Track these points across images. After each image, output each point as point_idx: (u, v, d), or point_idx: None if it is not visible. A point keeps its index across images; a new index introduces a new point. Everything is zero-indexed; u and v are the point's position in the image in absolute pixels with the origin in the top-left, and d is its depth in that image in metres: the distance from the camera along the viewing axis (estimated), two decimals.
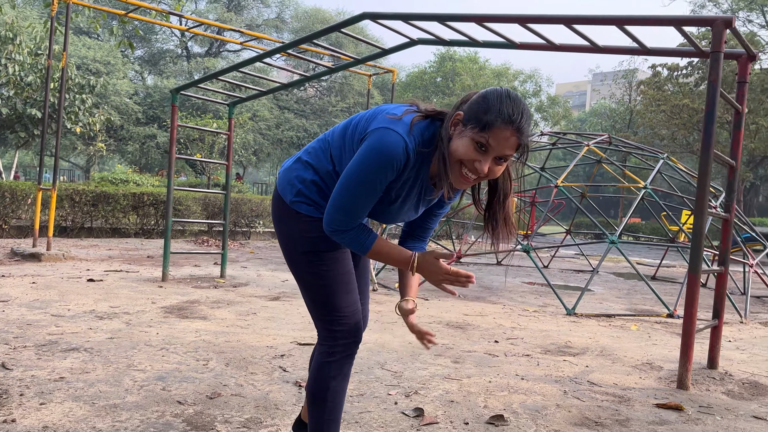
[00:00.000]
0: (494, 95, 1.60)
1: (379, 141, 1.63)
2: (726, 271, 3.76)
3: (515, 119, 1.56)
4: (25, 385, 2.74)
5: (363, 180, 1.65)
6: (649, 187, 6.61)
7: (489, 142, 1.57)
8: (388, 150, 1.62)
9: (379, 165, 1.63)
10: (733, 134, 3.80)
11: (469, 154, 1.59)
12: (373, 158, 1.63)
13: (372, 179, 1.65)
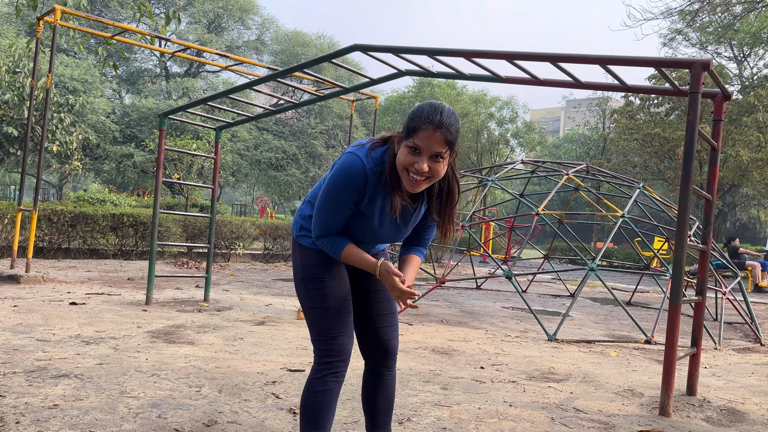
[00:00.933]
0: (418, 106, 1.89)
1: (343, 162, 1.95)
2: (703, 300, 3.91)
3: (434, 119, 1.83)
4: (20, 413, 2.74)
5: (331, 195, 1.97)
6: (627, 216, 6.80)
7: (417, 143, 1.85)
8: (349, 169, 1.93)
9: (343, 182, 1.94)
10: (709, 170, 3.97)
11: (407, 158, 1.87)
12: (338, 177, 1.95)
13: (337, 195, 1.95)
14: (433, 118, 1.83)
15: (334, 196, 1.96)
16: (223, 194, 45.43)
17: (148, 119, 27.96)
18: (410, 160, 1.86)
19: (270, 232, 14.92)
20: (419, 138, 1.84)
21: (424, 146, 1.84)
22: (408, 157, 1.87)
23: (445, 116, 1.85)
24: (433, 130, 1.83)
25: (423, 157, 1.85)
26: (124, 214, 11.49)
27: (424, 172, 1.86)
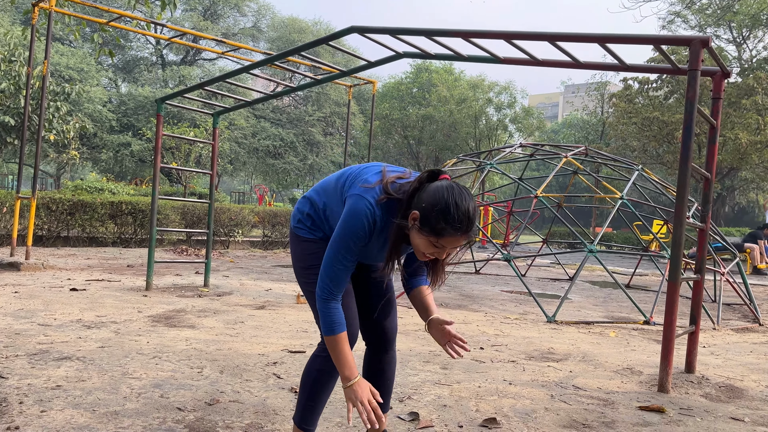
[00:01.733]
0: (444, 206, 1.80)
1: (353, 208, 1.92)
2: (702, 279, 3.93)
3: (463, 228, 1.82)
4: (23, 393, 2.75)
5: (343, 243, 1.93)
6: (626, 198, 6.81)
7: (442, 243, 1.85)
8: (359, 215, 1.91)
9: (353, 229, 1.91)
10: (708, 148, 3.97)
11: (428, 249, 1.88)
12: (349, 223, 1.92)
13: (347, 243, 1.93)
14: (463, 228, 1.82)
15: (344, 246, 1.93)
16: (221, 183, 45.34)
17: (144, 108, 27.85)
18: (431, 252, 1.89)
19: (269, 219, 14.92)
20: (446, 241, 1.84)
21: (448, 246, 1.87)
22: (430, 248, 1.88)
23: (474, 221, 1.84)
24: (460, 236, 1.83)
25: (443, 252, 1.90)
26: (122, 202, 11.48)
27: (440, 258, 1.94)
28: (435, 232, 1.82)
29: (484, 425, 2.74)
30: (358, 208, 1.91)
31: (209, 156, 20.52)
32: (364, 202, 1.91)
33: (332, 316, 1.95)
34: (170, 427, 2.46)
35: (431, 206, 1.81)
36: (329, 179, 2.18)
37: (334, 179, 2.14)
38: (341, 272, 1.95)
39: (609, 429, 2.80)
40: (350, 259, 1.95)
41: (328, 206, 2.12)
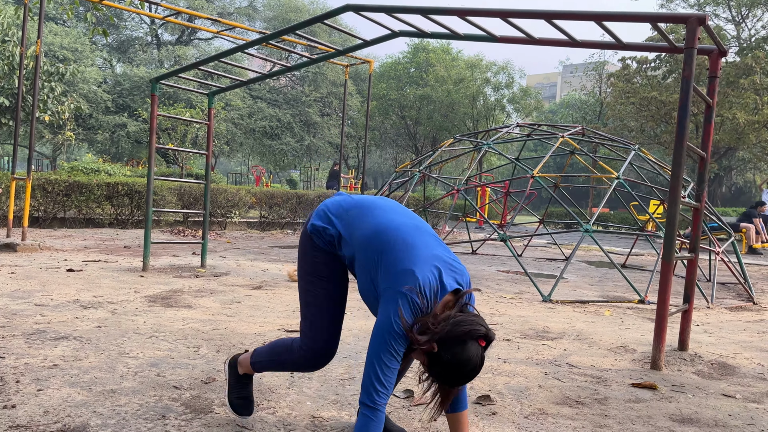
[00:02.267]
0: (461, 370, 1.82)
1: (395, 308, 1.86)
2: (696, 257, 3.94)
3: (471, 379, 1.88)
4: (20, 372, 2.77)
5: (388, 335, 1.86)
6: (622, 178, 6.81)
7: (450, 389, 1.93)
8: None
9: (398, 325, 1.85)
10: (704, 127, 3.97)
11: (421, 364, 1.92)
12: (392, 319, 1.85)
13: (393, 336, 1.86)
14: (471, 379, 1.88)
15: (397, 341, 1.85)
16: (218, 164, 45.17)
17: (140, 88, 27.63)
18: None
19: (266, 200, 14.90)
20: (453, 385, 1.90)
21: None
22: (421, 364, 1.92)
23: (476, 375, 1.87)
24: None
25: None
26: (119, 182, 11.44)
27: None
28: (446, 381, 1.87)
29: (478, 402, 2.77)
30: (405, 303, 1.84)
31: (206, 137, 20.43)
32: (408, 302, 1.85)
33: (373, 428, 1.83)
34: (166, 405, 2.48)
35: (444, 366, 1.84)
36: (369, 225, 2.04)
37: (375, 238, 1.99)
38: (390, 372, 1.84)
39: (602, 405, 2.83)
40: (399, 352, 1.86)
41: (351, 248, 2.06)
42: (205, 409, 2.47)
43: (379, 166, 51.92)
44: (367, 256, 1.98)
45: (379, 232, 1.98)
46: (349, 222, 2.08)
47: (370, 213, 2.07)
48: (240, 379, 2.40)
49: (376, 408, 1.82)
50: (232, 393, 2.40)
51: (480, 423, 2.52)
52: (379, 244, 1.96)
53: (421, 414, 2.58)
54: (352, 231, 2.06)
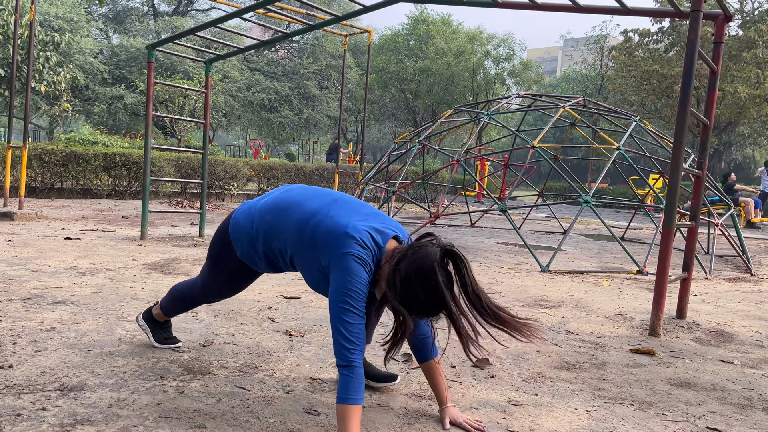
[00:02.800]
0: (413, 295, 1.86)
1: (350, 263, 1.93)
2: (696, 226, 3.92)
3: (429, 316, 1.93)
4: (17, 335, 2.76)
5: (347, 289, 1.91)
6: (623, 149, 6.76)
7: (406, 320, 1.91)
8: (359, 266, 1.92)
9: (357, 276, 1.91)
10: (708, 95, 3.91)
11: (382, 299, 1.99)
12: (348, 274, 1.92)
13: (354, 286, 1.91)
14: (429, 316, 1.93)
15: (351, 292, 1.88)
16: (216, 137, 44.83)
17: (137, 60, 27.32)
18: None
19: (264, 172, 14.85)
20: (410, 319, 1.91)
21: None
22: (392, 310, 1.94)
23: (441, 306, 1.89)
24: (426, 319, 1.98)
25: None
26: (116, 153, 11.37)
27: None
28: (401, 307, 1.88)
29: (477, 366, 2.77)
30: (352, 265, 1.89)
31: (203, 108, 20.27)
32: (356, 261, 1.89)
33: (353, 386, 1.84)
34: (165, 367, 2.48)
35: (404, 292, 1.86)
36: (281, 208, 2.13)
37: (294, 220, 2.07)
38: (354, 327, 1.86)
39: (600, 370, 2.83)
40: (360, 308, 1.89)
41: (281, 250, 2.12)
42: (203, 370, 2.47)
43: (378, 141, 51.66)
44: (304, 250, 2.02)
45: (302, 226, 2.03)
46: (268, 232, 2.13)
47: (285, 213, 2.10)
48: (160, 325, 2.73)
49: (351, 365, 1.84)
50: (157, 336, 2.71)
51: (478, 386, 2.52)
52: (308, 235, 2.00)
53: (420, 376, 2.58)
54: (276, 238, 2.11)
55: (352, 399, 1.82)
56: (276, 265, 2.20)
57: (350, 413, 1.81)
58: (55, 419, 1.91)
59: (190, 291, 2.53)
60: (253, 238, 2.16)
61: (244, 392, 2.25)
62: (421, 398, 2.33)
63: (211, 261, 2.37)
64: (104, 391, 2.17)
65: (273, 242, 2.12)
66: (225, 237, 2.27)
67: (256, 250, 2.17)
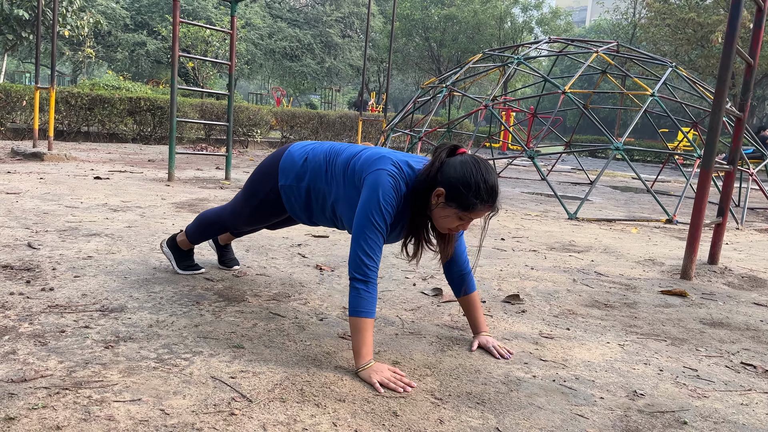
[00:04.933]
0: (474, 182, 1.81)
1: (377, 178, 1.92)
2: (734, 170, 3.83)
3: (491, 201, 1.86)
4: (56, 261, 2.82)
5: (372, 204, 1.89)
6: (657, 95, 6.57)
7: (470, 216, 1.87)
8: (388, 185, 1.90)
9: (384, 190, 1.90)
10: (754, 33, 3.75)
11: (453, 224, 1.89)
12: (376, 188, 1.91)
13: (379, 203, 1.88)
14: (491, 202, 1.85)
15: (376, 209, 1.86)
16: (238, 87, 44.57)
17: (158, 5, 27.03)
18: (455, 224, 1.89)
19: (287, 120, 14.78)
20: (475, 214, 1.86)
21: (475, 218, 1.88)
22: (455, 222, 1.88)
23: (497, 195, 1.86)
24: (488, 208, 1.87)
25: (468, 223, 1.91)
26: (141, 98, 11.38)
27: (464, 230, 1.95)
28: (464, 207, 1.83)
29: (507, 301, 2.78)
30: (383, 178, 1.89)
31: (225, 55, 20.09)
32: (388, 175, 1.89)
33: (368, 300, 1.83)
34: (200, 294, 2.52)
35: (459, 182, 1.82)
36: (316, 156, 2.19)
37: (332, 160, 2.13)
38: (374, 244, 1.85)
39: (631, 309, 2.82)
40: (383, 226, 1.87)
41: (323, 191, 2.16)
42: (238, 298, 2.50)
43: (400, 92, 50.96)
44: (348, 190, 2.03)
45: (347, 161, 2.07)
46: (317, 170, 2.16)
47: (336, 155, 2.13)
48: (184, 253, 2.81)
49: (367, 280, 1.84)
50: (180, 264, 2.80)
51: (509, 319, 2.53)
52: (350, 169, 2.03)
53: (451, 309, 2.59)
54: (324, 179, 2.14)
55: (366, 312, 1.83)
56: (310, 207, 2.24)
57: (365, 325, 1.83)
58: (99, 336, 1.96)
59: (218, 216, 2.60)
60: (301, 173, 2.20)
61: (279, 318, 2.29)
62: (453, 328, 2.35)
63: (248, 186, 2.42)
64: (143, 313, 2.21)
65: (319, 182, 2.15)
66: (273, 165, 2.30)
67: (300, 185, 2.20)
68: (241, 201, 2.46)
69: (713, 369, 2.10)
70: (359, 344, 1.83)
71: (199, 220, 2.69)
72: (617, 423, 1.64)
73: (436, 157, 1.90)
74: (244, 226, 2.57)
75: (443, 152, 1.90)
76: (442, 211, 1.87)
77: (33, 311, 2.14)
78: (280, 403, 1.59)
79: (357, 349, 1.83)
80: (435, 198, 1.87)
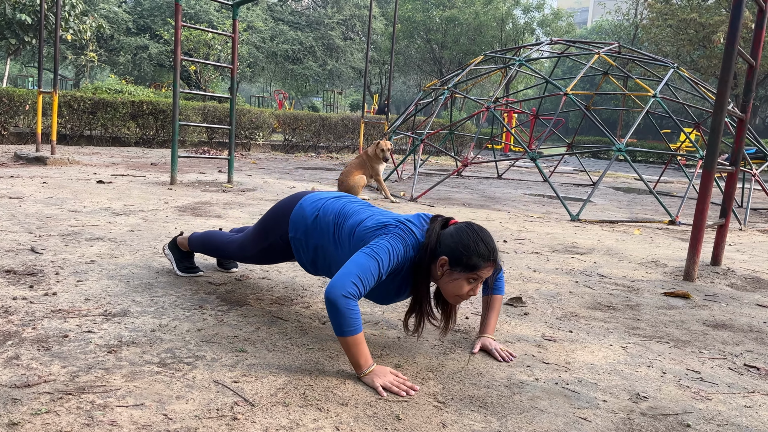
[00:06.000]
0: (472, 243, 1.89)
1: (396, 237, 1.97)
2: (737, 171, 3.82)
3: (493, 257, 1.93)
4: (58, 266, 2.83)
5: (381, 247, 1.92)
6: (659, 96, 6.56)
7: (479, 275, 1.92)
8: (402, 245, 1.95)
9: (395, 242, 1.95)
10: (755, 33, 3.75)
11: (463, 288, 1.93)
12: (389, 238, 1.96)
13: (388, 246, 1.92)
14: (493, 257, 1.92)
15: (383, 250, 1.89)
16: (240, 90, 44.67)
17: (161, 9, 27.11)
18: (467, 289, 1.93)
19: (290, 123, 14.80)
20: (480, 272, 1.91)
21: (482, 277, 1.94)
22: (465, 287, 1.92)
23: (497, 251, 1.95)
24: (491, 265, 1.93)
25: (478, 284, 1.95)
26: (143, 101, 11.41)
27: (474, 295, 1.97)
28: (469, 268, 1.89)
29: (510, 303, 2.78)
30: (394, 239, 1.93)
31: (227, 59, 20.12)
32: (398, 236, 1.94)
33: (355, 316, 1.79)
34: (203, 298, 2.52)
35: (460, 246, 1.90)
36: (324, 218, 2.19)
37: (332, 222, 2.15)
38: (369, 275, 1.83)
39: (634, 311, 2.82)
40: (384, 267, 1.87)
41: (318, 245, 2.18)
42: (240, 301, 2.51)
43: (402, 94, 50.99)
44: (353, 252, 2.02)
45: (353, 228, 2.08)
46: (323, 231, 2.17)
47: (341, 221, 2.14)
48: (184, 255, 2.85)
49: (351, 297, 1.79)
50: (180, 265, 2.83)
51: (512, 322, 2.52)
52: (355, 237, 2.05)
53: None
54: (329, 240, 2.15)
55: (351, 331, 1.78)
56: (316, 263, 2.25)
57: (356, 341, 1.80)
58: (102, 340, 1.96)
59: (226, 244, 2.60)
60: (310, 230, 2.21)
61: (281, 322, 2.29)
62: (455, 331, 2.34)
63: (259, 227, 2.42)
64: (146, 318, 2.22)
65: (326, 242, 2.16)
66: (285, 213, 2.30)
67: (308, 241, 2.22)
68: (251, 240, 2.45)
69: (716, 371, 2.10)
70: (355, 358, 1.81)
71: (207, 238, 2.69)
72: (620, 426, 1.64)
73: (431, 231, 1.96)
74: (248, 261, 2.54)
75: (436, 225, 1.97)
76: (450, 278, 1.92)
77: (36, 316, 2.15)
78: (282, 407, 1.60)
79: (355, 362, 1.82)
80: (440, 269, 1.92)
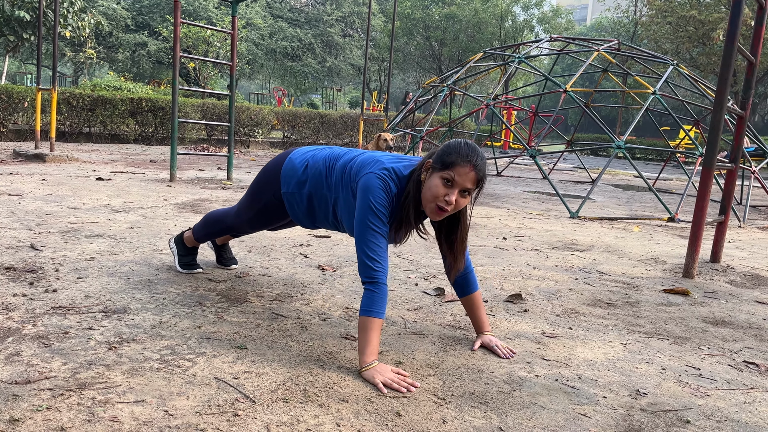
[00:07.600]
0: (455, 143, 1.94)
1: (370, 181, 2.01)
2: (736, 168, 3.83)
3: (472, 158, 1.90)
4: (58, 263, 2.83)
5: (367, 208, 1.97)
6: (658, 93, 6.56)
7: (453, 176, 1.89)
8: (381, 185, 1.99)
9: (374, 193, 1.98)
10: (755, 30, 3.75)
11: (440, 189, 1.91)
12: (366, 191, 2.00)
13: (372, 205, 1.96)
14: (471, 158, 1.90)
15: (370, 212, 1.93)
16: (239, 87, 44.61)
17: (159, 6, 27.07)
18: (443, 191, 1.91)
19: (289, 120, 14.79)
20: (456, 172, 1.89)
21: (458, 180, 1.90)
22: (441, 188, 1.91)
23: (480, 158, 1.92)
24: (469, 168, 1.90)
25: (454, 190, 1.91)
26: (142, 98, 11.40)
27: (452, 204, 1.91)
28: (445, 164, 1.90)
29: (509, 300, 2.78)
30: (372, 181, 1.97)
31: (226, 56, 20.10)
32: (377, 178, 1.97)
33: (375, 301, 1.89)
34: (202, 294, 2.52)
35: (442, 148, 1.95)
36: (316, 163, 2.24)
37: (330, 166, 2.20)
38: (376, 246, 1.92)
39: (633, 308, 2.82)
40: (381, 227, 1.94)
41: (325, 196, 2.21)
42: (240, 298, 2.51)
43: (401, 91, 50.95)
44: (346, 192, 2.10)
45: (345, 165, 2.14)
46: (318, 177, 2.22)
47: (335, 159, 2.21)
48: (188, 251, 2.87)
49: (375, 281, 1.90)
50: (181, 261, 2.86)
51: (512, 319, 2.53)
52: (347, 172, 2.11)
53: (453, 308, 2.59)
54: (326, 184, 2.20)
55: (375, 312, 1.88)
56: (312, 213, 2.28)
57: (372, 325, 1.88)
58: (102, 337, 1.96)
59: (223, 216, 2.67)
60: (302, 180, 2.25)
61: (281, 318, 2.29)
62: (456, 328, 2.35)
63: (252, 190, 2.46)
64: (146, 314, 2.22)
65: (320, 187, 2.21)
66: (275, 171, 2.34)
67: (301, 192, 2.26)
68: (245, 204, 2.50)
69: (716, 368, 2.10)
70: (364, 343, 1.87)
71: (205, 218, 2.76)
72: (620, 422, 1.64)
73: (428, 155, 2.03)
74: (247, 227, 2.60)
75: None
76: (429, 182, 1.94)
77: (36, 313, 2.15)
78: (283, 403, 1.60)
79: (362, 348, 1.87)
80: (424, 173, 1.97)
